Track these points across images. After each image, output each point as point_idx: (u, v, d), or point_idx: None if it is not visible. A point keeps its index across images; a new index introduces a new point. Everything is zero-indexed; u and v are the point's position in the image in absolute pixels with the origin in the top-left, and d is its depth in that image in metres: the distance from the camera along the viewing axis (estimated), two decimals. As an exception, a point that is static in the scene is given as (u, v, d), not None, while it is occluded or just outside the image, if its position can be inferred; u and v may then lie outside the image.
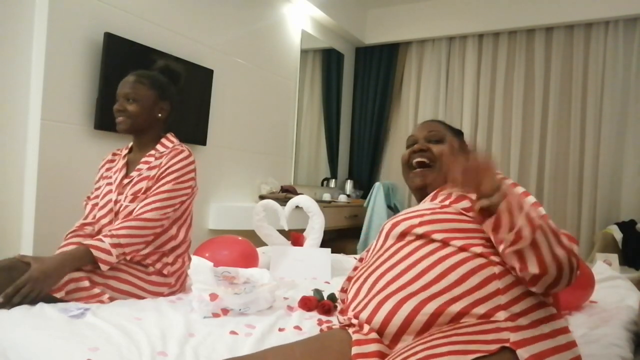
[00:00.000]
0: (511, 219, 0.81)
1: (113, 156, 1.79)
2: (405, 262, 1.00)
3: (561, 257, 0.83)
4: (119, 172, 1.68)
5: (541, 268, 0.82)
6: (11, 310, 1.24)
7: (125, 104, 1.62)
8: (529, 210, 0.82)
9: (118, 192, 1.63)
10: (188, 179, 1.64)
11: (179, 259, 1.65)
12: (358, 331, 0.95)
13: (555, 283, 0.84)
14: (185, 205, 1.67)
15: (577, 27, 4.00)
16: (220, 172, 3.33)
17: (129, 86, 1.63)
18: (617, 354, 1.25)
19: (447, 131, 1.28)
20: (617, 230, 3.42)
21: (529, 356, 0.78)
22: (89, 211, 1.71)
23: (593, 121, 3.89)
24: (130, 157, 1.72)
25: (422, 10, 4.58)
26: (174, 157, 1.62)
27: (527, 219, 0.81)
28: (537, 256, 0.81)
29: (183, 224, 1.68)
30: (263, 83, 3.72)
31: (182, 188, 1.62)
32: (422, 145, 1.23)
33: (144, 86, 1.64)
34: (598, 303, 1.81)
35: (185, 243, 1.70)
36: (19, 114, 2.24)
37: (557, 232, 0.85)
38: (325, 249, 2.27)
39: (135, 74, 1.66)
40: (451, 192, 1.08)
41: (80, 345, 1.04)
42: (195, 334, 1.17)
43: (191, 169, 1.66)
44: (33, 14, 2.25)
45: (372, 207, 4.00)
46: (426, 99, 4.68)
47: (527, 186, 4.14)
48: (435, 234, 1.01)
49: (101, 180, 1.73)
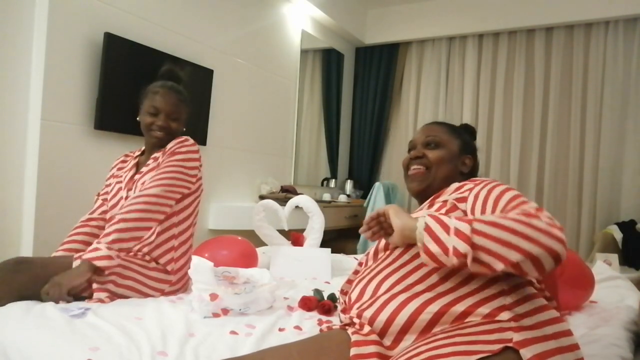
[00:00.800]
0: (440, 245, 0.86)
1: (125, 157, 1.84)
2: (411, 265, 1.01)
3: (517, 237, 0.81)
4: (129, 171, 1.73)
5: (503, 261, 0.81)
6: (12, 309, 1.24)
7: (169, 122, 1.67)
8: (455, 224, 0.86)
9: (127, 188, 1.67)
10: (193, 167, 1.64)
11: (183, 257, 1.66)
12: (358, 331, 0.95)
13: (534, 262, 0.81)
14: (190, 199, 1.68)
15: (577, 27, 4.00)
16: (220, 172, 3.33)
17: (174, 104, 1.68)
18: (617, 354, 1.25)
19: (449, 134, 1.26)
20: (617, 230, 3.42)
21: (532, 356, 0.78)
22: (97, 206, 1.77)
23: (593, 121, 3.89)
24: (141, 159, 1.77)
25: (422, 10, 4.58)
26: (179, 143, 1.65)
27: (456, 234, 0.84)
28: (491, 254, 0.82)
29: (191, 223, 1.71)
30: (263, 83, 3.72)
31: (189, 167, 1.62)
32: (418, 152, 1.24)
33: (184, 104, 1.72)
34: (598, 303, 1.81)
35: (189, 241, 1.71)
36: (19, 114, 2.25)
37: (496, 221, 0.84)
38: (325, 249, 2.27)
39: (174, 91, 1.70)
40: (446, 200, 1.09)
41: (81, 345, 1.04)
42: (196, 333, 1.17)
43: (196, 157, 1.66)
44: (33, 14, 2.25)
45: (372, 207, 4.00)
46: (426, 99, 4.68)
47: (527, 186, 4.14)
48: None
49: (111, 179, 1.78)
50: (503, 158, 4.28)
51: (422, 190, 1.23)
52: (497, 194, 1.02)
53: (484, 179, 1.11)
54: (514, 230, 0.82)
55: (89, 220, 1.74)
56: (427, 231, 0.89)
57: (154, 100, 1.67)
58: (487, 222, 0.85)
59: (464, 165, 1.25)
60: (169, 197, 1.56)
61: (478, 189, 1.07)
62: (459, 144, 1.26)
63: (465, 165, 1.26)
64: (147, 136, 1.70)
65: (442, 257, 0.86)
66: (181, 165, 1.61)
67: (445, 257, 0.85)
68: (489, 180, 1.10)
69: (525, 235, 0.82)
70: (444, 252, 0.85)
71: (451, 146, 1.24)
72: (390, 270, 1.04)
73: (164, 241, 1.61)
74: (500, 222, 0.84)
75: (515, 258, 0.81)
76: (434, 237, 0.87)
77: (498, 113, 4.31)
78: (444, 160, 1.22)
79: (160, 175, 1.57)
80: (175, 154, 1.62)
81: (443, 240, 0.86)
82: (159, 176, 1.57)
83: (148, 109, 1.67)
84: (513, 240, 0.82)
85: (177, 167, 1.60)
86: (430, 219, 0.90)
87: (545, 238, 0.81)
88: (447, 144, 1.24)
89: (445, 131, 1.27)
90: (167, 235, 1.62)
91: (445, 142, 1.24)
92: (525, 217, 0.84)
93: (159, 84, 1.71)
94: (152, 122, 1.66)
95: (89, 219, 1.74)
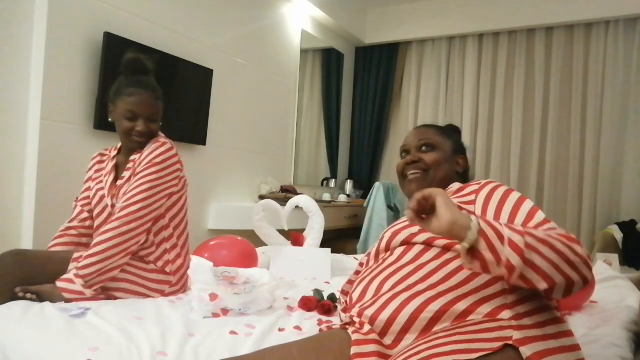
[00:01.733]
0: (494, 254, 0.80)
1: (102, 157, 1.75)
2: (413, 265, 1.01)
3: (563, 261, 0.81)
4: (109, 175, 1.65)
5: (548, 281, 0.80)
6: (12, 309, 1.24)
7: (149, 125, 1.59)
8: (509, 235, 0.81)
9: (112, 195, 1.60)
10: (172, 172, 1.57)
11: (179, 258, 1.64)
12: (358, 330, 0.95)
13: (569, 287, 0.82)
14: (175, 198, 1.62)
15: (577, 27, 4.00)
16: (220, 172, 3.33)
17: (151, 106, 1.59)
18: (617, 354, 1.25)
19: (441, 135, 1.26)
20: (618, 230, 3.42)
21: (532, 353, 0.78)
22: (77, 213, 1.69)
23: (593, 121, 3.89)
24: (119, 159, 1.69)
25: (422, 10, 4.58)
26: (154, 152, 1.56)
27: (510, 246, 0.80)
28: (538, 273, 0.80)
29: (181, 222, 1.66)
30: (263, 83, 3.72)
31: (167, 177, 1.55)
32: (414, 157, 1.23)
33: (160, 102, 1.63)
34: (598, 303, 1.81)
35: (183, 239, 1.67)
36: (19, 113, 2.24)
37: (547, 240, 0.83)
38: (325, 249, 2.27)
39: (150, 89, 1.61)
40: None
41: (81, 345, 1.04)
42: (195, 334, 1.16)
43: (174, 161, 1.58)
44: (33, 14, 2.25)
45: (372, 207, 4.00)
46: (426, 99, 4.68)
47: (527, 186, 4.14)
48: (437, 241, 1.02)
49: (90, 182, 1.71)
50: (503, 157, 4.28)
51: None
52: (515, 202, 1.00)
53: (488, 181, 1.10)
54: (562, 253, 0.82)
55: (68, 229, 1.67)
56: (482, 236, 0.81)
57: (130, 103, 1.57)
58: (539, 239, 0.82)
59: (458, 165, 1.26)
60: (145, 220, 1.49)
61: (486, 191, 1.05)
62: (451, 145, 1.26)
63: (460, 165, 1.26)
64: (126, 141, 1.62)
65: (492, 266, 0.81)
66: (158, 178, 1.53)
67: (495, 267, 0.81)
68: (494, 182, 1.08)
69: (570, 261, 0.82)
70: (496, 262, 0.80)
71: (445, 147, 1.24)
72: (392, 270, 1.04)
73: (157, 245, 1.58)
74: (551, 241, 0.82)
75: (558, 281, 0.80)
76: (489, 244, 0.81)
77: (498, 113, 4.31)
78: (441, 162, 1.21)
79: (134, 199, 1.49)
80: (151, 165, 1.53)
81: (498, 249, 0.80)
82: (133, 197, 1.49)
83: (124, 113, 1.57)
84: (560, 264, 0.81)
85: (153, 182, 1.51)
86: (483, 222, 0.84)
87: (584, 267, 0.83)
88: (441, 145, 1.24)
89: (437, 133, 1.26)
90: (159, 238, 1.59)
91: (439, 144, 1.24)
92: (569, 242, 0.84)
93: (131, 83, 1.60)
94: (132, 127, 1.58)
95: (68, 228, 1.67)
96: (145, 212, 1.50)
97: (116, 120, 1.62)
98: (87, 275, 1.39)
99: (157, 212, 1.54)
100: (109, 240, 1.43)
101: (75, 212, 1.70)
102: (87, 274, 1.39)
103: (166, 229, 1.61)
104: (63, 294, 1.37)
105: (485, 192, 1.06)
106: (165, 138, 1.64)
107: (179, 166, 1.61)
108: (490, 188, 1.06)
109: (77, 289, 1.38)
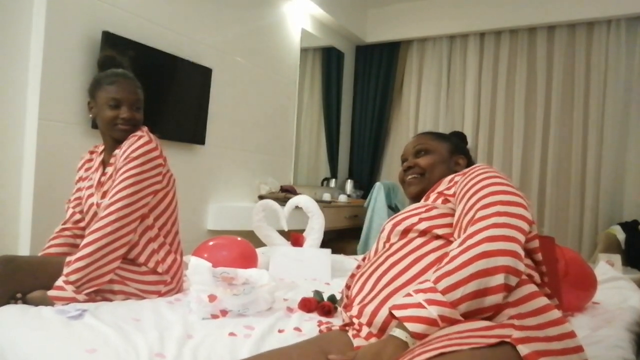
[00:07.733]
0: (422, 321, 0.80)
1: (91, 155, 1.71)
2: (411, 257, 1.02)
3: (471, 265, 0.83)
4: (96, 171, 1.62)
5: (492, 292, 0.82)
6: (9, 311, 1.23)
7: (134, 112, 1.56)
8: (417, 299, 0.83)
9: (97, 192, 1.57)
10: (153, 167, 1.50)
11: (169, 255, 1.59)
12: (357, 334, 0.94)
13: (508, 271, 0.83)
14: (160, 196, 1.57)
15: (579, 25, 3.99)
16: (219, 172, 3.32)
17: (134, 93, 1.56)
18: (620, 355, 1.24)
19: (436, 139, 1.32)
20: (620, 230, 3.40)
21: (531, 352, 0.76)
22: (69, 215, 1.67)
23: (595, 120, 3.88)
24: (105, 156, 1.65)
25: (423, 9, 4.56)
26: (131, 145, 1.50)
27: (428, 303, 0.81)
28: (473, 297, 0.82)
29: (167, 221, 1.61)
30: (263, 82, 3.70)
31: (147, 172, 1.48)
32: (410, 163, 1.30)
33: (142, 91, 1.60)
34: (601, 304, 1.80)
35: (171, 237, 1.62)
36: (17, 113, 2.23)
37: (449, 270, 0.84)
38: (325, 249, 2.25)
39: (130, 78, 1.58)
40: (442, 192, 1.12)
41: (78, 347, 1.03)
42: (194, 335, 1.15)
43: (154, 156, 1.51)
44: (31, 13, 2.24)
45: (373, 207, 3.99)
46: (427, 98, 4.67)
47: (529, 186, 4.13)
48: (437, 229, 1.03)
49: (80, 182, 1.68)
50: (505, 157, 4.27)
51: (419, 192, 1.27)
52: (473, 192, 1.00)
53: (474, 167, 1.10)
54: (465, 262, 0.83)
55: (63, 230, 1.65)
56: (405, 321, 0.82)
57: (112, 91, 1.52)
58: (444, 274, 0.84)
59: (457, 165, 1.30)
60: (131, 219, 1.44)
61: (462, 182, 1.07)
62: (448, 147, 1.31)
63: (459, 165, 1.30)
64: (111, 131, 1.56)
65: (432, 329, 0.81)
66: (139, 173, 1.46)
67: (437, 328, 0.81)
68: (477, 168, 1.08)
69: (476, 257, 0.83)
70: (432, 325, 0.81)
71: (440, 149, 1.29)
72: (389, 263, 1.04)
73: (143, 246, 1.53)
74: (452, 266, 0.84)
75: (497, 282, 0.82)
76: (414, 319, 0.81)
77: (500, 112, 4.29)
78: (436, 163, 1.27)
79: (116, 196, 1.43)
80: (129, 160, 1.47)
81: (424, 315, 0.81)
82: (115, 195, 1.44)
83: (107, 101, 1.52)
84: (476, 269, 0.82)
85: (135, 178, 1.46)
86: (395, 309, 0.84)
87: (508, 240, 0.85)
88: (436, 148, 1.29)
89: (432, 138, 1.33)
90: (145, 239, 1.54)
91: (434, 148, 1.30)
92: (462, 245, 0.86)
93: (110, 74, 1.56)
94: (116, 115, 1.53)
95: (62, 229, 1.65)
96: (130, 210, 1.44)
97: (98, 113, 1.57)
98: (77, 281, 1.36)
99: (142, 209, 1.49)
100: (94, 242, 1.38)
101: (68, 214, 1.68)
102: (77, 280, 1.36)
103: (151, 229, 1.56)
104: (56, 303, 1.33)
105: (462, 182, 1.07)
106: (147, 132, 1.58)
107: (160, 161, 1.54)
108: (467, 178, 1.06)
109: (69, 295, 1.35)
